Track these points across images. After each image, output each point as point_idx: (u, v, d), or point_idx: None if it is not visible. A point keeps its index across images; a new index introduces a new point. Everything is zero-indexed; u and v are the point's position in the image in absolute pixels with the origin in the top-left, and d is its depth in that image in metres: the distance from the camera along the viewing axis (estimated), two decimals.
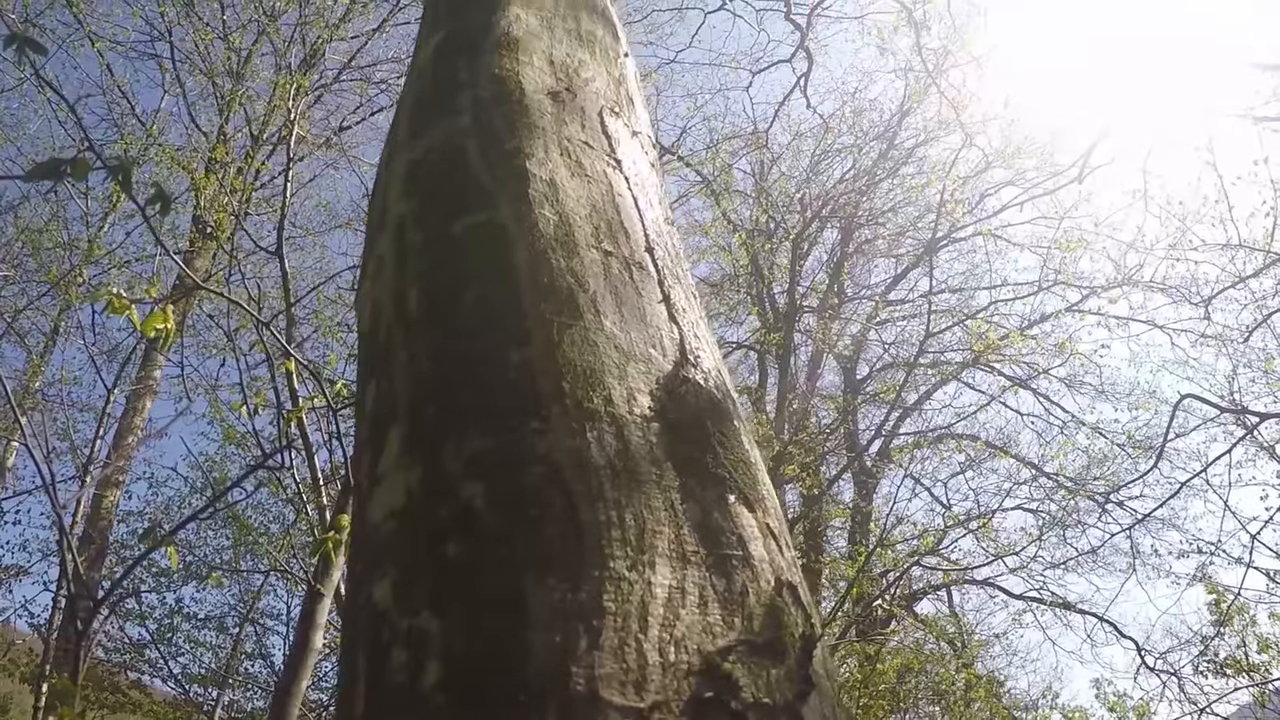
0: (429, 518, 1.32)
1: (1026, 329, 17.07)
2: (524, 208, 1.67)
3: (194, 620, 13.44)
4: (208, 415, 13.15)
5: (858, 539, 16.23)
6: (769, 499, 1.47)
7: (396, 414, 1.49)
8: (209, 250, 15.38)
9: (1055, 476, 16.84)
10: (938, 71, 10.83)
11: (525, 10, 2.31)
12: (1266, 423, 12.63)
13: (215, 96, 17.30)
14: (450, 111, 1.95)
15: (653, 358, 1.50)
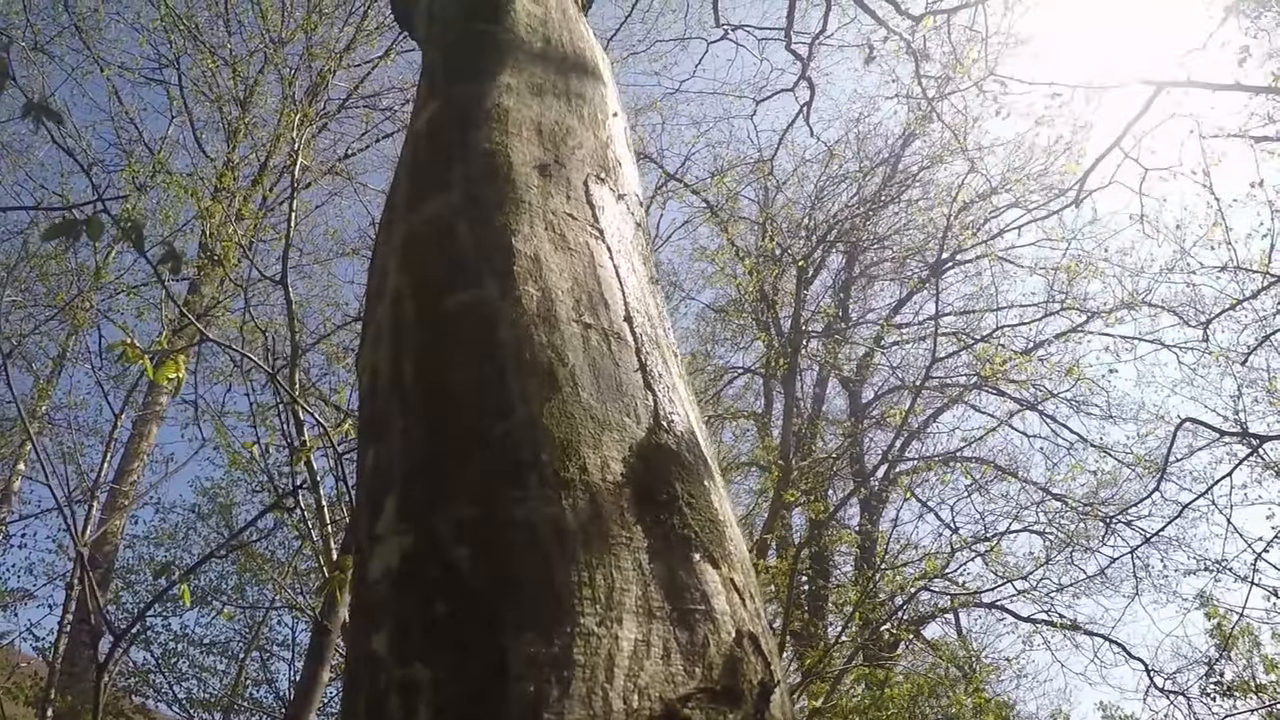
0: (421, 578, 1.45)
1: (1033, 351, 17.21)
2: (509, 284, 1.79)
3: (200, 646, 13.51)
4: (214, 441, 13.25)
5: (865, 563, 16.28)
6: (735, 554, 1.59)
7: (392, 481, 1.62)
8: (216, 277, 15.51)
9: (1063, 498, 16.87)
10: (938, 98, 10.97)
11: (516, 78, 2.44)
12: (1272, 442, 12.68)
13: (222, 124, 17.48)
14: (443, 187, 2.07)
15: (627, 425, 1.63)
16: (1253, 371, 14.69)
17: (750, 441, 17.74)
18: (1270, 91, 10.18)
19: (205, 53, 16.87)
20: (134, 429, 15.09)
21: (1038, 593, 16.32)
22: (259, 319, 11.90)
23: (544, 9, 2.86)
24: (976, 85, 9.82)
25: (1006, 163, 16.22)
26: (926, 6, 9.39)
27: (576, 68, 2.66)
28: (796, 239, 17.45)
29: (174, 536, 14.31)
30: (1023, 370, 15.58)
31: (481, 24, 2.69)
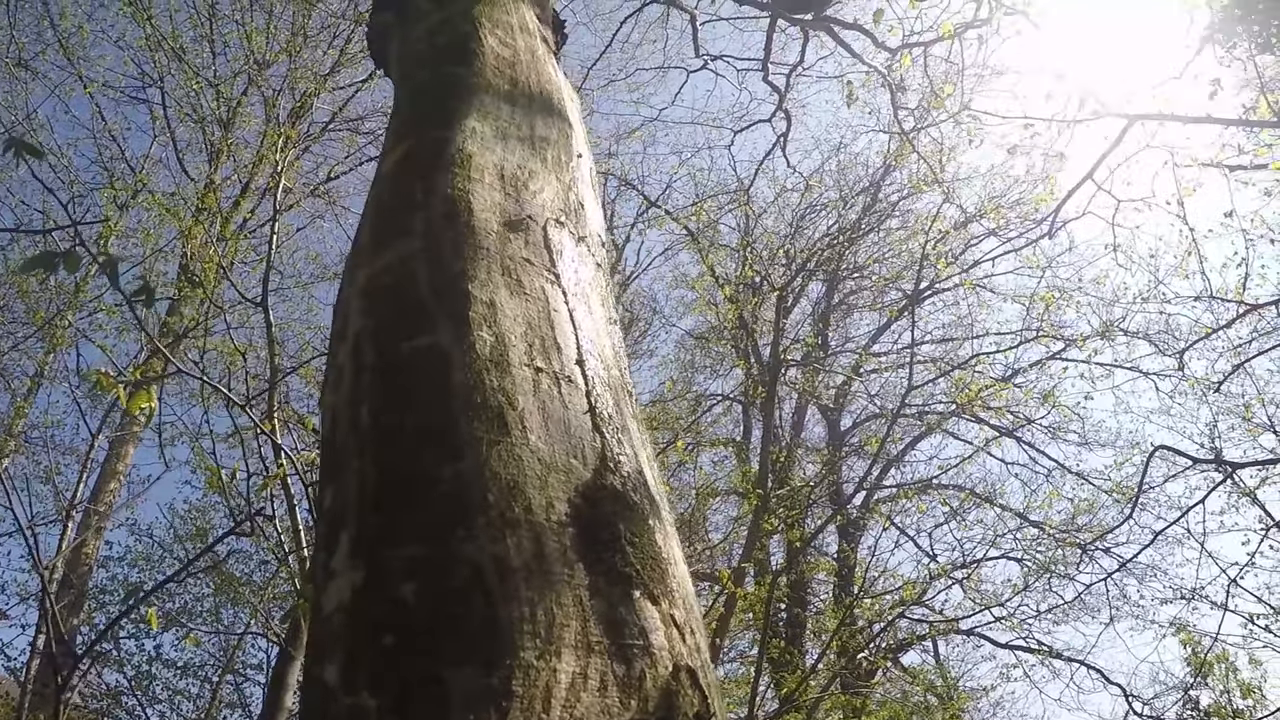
0: (370, 612, 1.53)
1: (1010, 378, 17.36)
2: (463, 330, 1.87)
3: (173, 668, 13.46)
4: (191, 463, 13.25)
5: (842, 591, 16.34)
6: (678, 591, 1.67)
7: (347, 519, 1.70)
8: (195, 298, 15.51)
9: (1040, 525, 16.98)
10: (915, 131, 11.10)
11: (481, 121, 2.51)
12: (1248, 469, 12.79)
13: (205, 144, 17.52)
14: (404, 233, 2.15)
15: (573, 467, 1.71)
16: (1228, 398, 14.85)
17: (729, 468, 17.85)
18: (1241, 123, 10.35)
19: (189, 73, 16.90)
20: (111, 449, 15.06)
21: (1015, 619, 16.42)
22: (239, 341, 11.94)
23: (513, 51, 2.94)
24: (953, 117, 9.95)
25: (984, 192, 16.45)
26: (903, 38, 9.53)
27: (543, 110, 2.74)
28: (776, 267, 17.58)
29: (149, 558, 14.26)
30: (999, 398, 15.71)
31: (450, 66, 2.77)
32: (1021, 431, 17.75)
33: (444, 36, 2.95)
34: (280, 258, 15.44)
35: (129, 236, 15.59)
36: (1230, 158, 11.27)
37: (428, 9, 3.21)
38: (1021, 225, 15.23)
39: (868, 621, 14.92)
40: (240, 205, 16.28)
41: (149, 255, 15.24)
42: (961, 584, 15.46)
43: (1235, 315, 12.77)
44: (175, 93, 17.23)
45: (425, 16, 3.18)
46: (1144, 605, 16.40)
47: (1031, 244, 13.48)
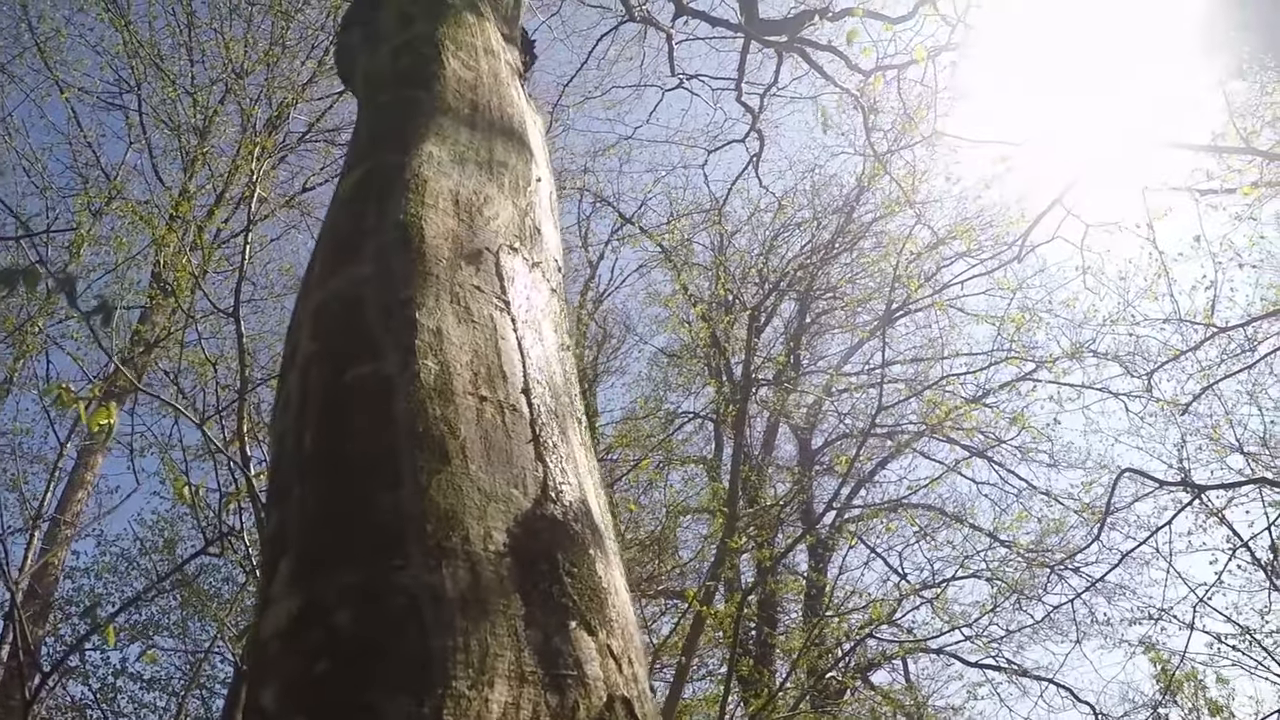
0: (305, 639, 1.54)
1: (981, 398, 17.44)
2: (408, 359, 1.88)
3: (139, 681, 13.33)
4: (160, 473, 13.16)
5: (811, 610, 16.36)
6: (617, 621, 1.68)
7: (287, 546, 1.71)
8: (168, 307, 15.41)
9: (1010, 545, 17.04)
10: (888, 155, 11.18)
11: (439, 146, 2.53)
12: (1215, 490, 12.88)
13: (180, 152, 17.43)
14: (356, 259, 2.16)
15: (513, 497, 1.72)
16: (1196, 419, 14.97)
17: (700, 486, 17.85)
18: (1210, 149, 10.47)
19: (166, 80, 16.83)
20: (79, 458, 14.94)
21: (985, 639, 16.47)
22: (210, 352, 11.86)
23: (475, 73, 2.95)
24: (926, 140, 10.03)
25: (956, 212, 16.54)
26: (877, 61, 9.61)
27: (502, 134, 2.75)
28: (749, 286, 17.63)
29: (115, 570, 14.15)
30: (969, 419, 15.77)
31: (410, 89, 2.78)
32: (992, 452, 17.83)
33: (406, 58, 2.97)
34: (253, 268, 15.38)
35: (102, 244, 15.49)
36: (1200, 183, 11.39)
37: (392, 29, 3.22)
38: (993, 248, 15.34)
39: (837, 640, 14.94)
40: (214, 214, 16.20)
41: (121, 263, 15.15)
42: (931, 603, 15.50)
43: (1203, 338, 12.87)
44: (152, 99, 17.16)
45: (390, 37, 3.19)
46: (1112, 625, 16.50)
47: (1002, 265, 13.59)
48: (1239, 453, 14.51)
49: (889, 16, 9.20)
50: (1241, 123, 11.62)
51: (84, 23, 16.61)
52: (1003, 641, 16.73)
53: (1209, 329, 12.50)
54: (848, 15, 9.01)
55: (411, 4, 3.29)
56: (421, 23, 3.13)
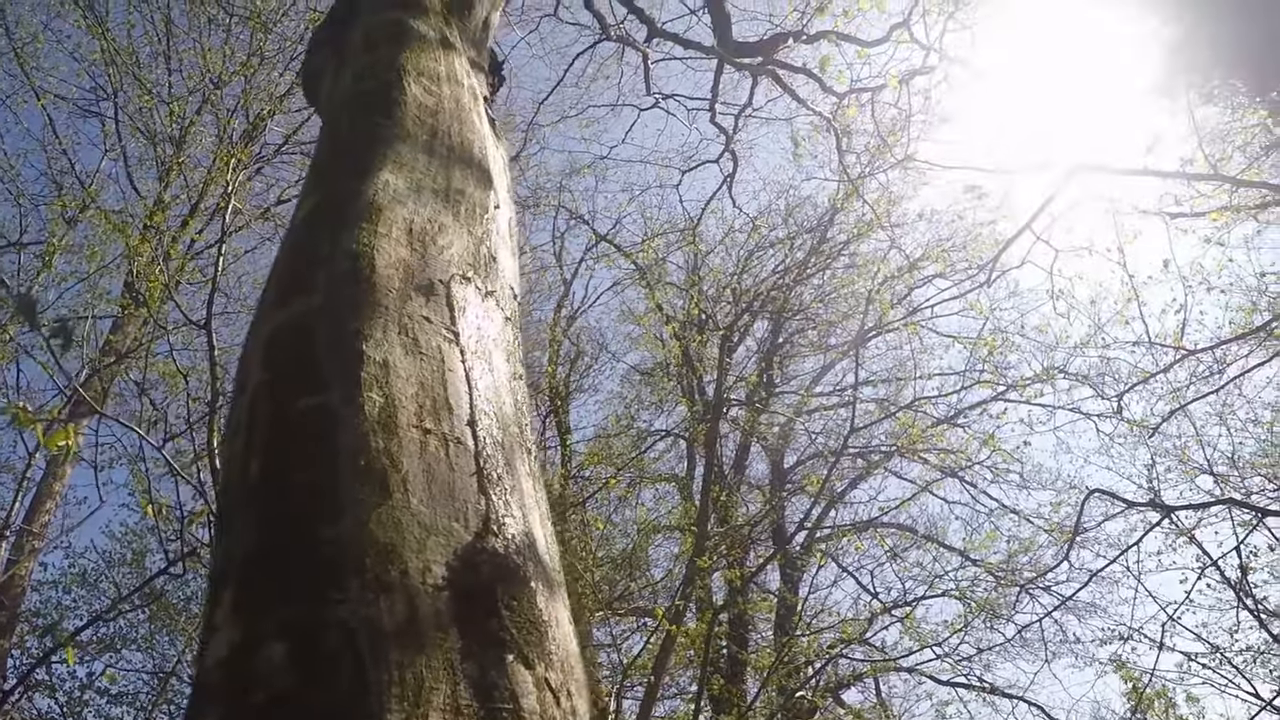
0: (244, 669, 1.55)
1: (953, 419, 17.54)
2: (354, 391, 1.89)
3: (106, 696, 13.21)
4: (129, 485, 13.07)
5: (782, 629, 16.37)
6: (556, 654, 1.70)
7: (229, 576, 1.73)
8: (140, 317, 15.32)
9: (981, 563, 17.13)
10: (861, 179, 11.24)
11: (396, 174, 2.54)
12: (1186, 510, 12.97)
13: (156, 162, 17.35)
14: (307, 289, 2.17)
15: (454, 531, 1.73)
16: (1167, 440, 15.09)
17: (672, 504, 17.85)
18: (1179, 176, 10.57)
19: (143, 89, 16.77)
20: (48, 468, 14.82)
21: (956, 657, 16.53)
22: (181, 364, 11.81)
23: (436, 100, 2.97)
24: (899, 164, 10.10)
25: (930, 234, 16.66)
26: (851, 84, 9.68)
27: (461, 162, 2.76)
28: (722, 305, 17.67)
29: (84, 582, 14.03)
30: (941, 439, 15.87)
31: (370, 115, 2.80)
32: (964, 472, 17.92)
33: (368, 83, 2.98)
34: (227, 280, 15.33)
35: (75, 252, 15.42)
36: (1170, 206, 11.50)
37: (357, 53, 3.24)
38: (967, 270, 15.45)
39: (807, 659, 14.96)
40: (189, 225, 16.13)
41: (94, 272, 15.08)
42: (902, 622, 15.56)
43: (1173, 360, 12.98)
44: (128, 107, 17.08)
45: (354, 60, 3.20)
46: (1083, 643, 16.61)
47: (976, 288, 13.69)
48: (1208, 473, 14.62)
49: (863, 40, 9.27)
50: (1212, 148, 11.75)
51: (62, 29, 16.56)
52: (973, 660, 16.80)
53: (1179, 352, 12.60)
54: (822, 38, 9.09)
55: (377, 28, 3.30)
56: (385, 48, 3.14)
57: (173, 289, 11.92)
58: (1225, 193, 10.84)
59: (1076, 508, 14.66)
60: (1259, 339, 12.63)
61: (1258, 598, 12.43)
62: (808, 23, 9.08)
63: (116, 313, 15.31)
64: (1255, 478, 15.03)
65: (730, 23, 8.97)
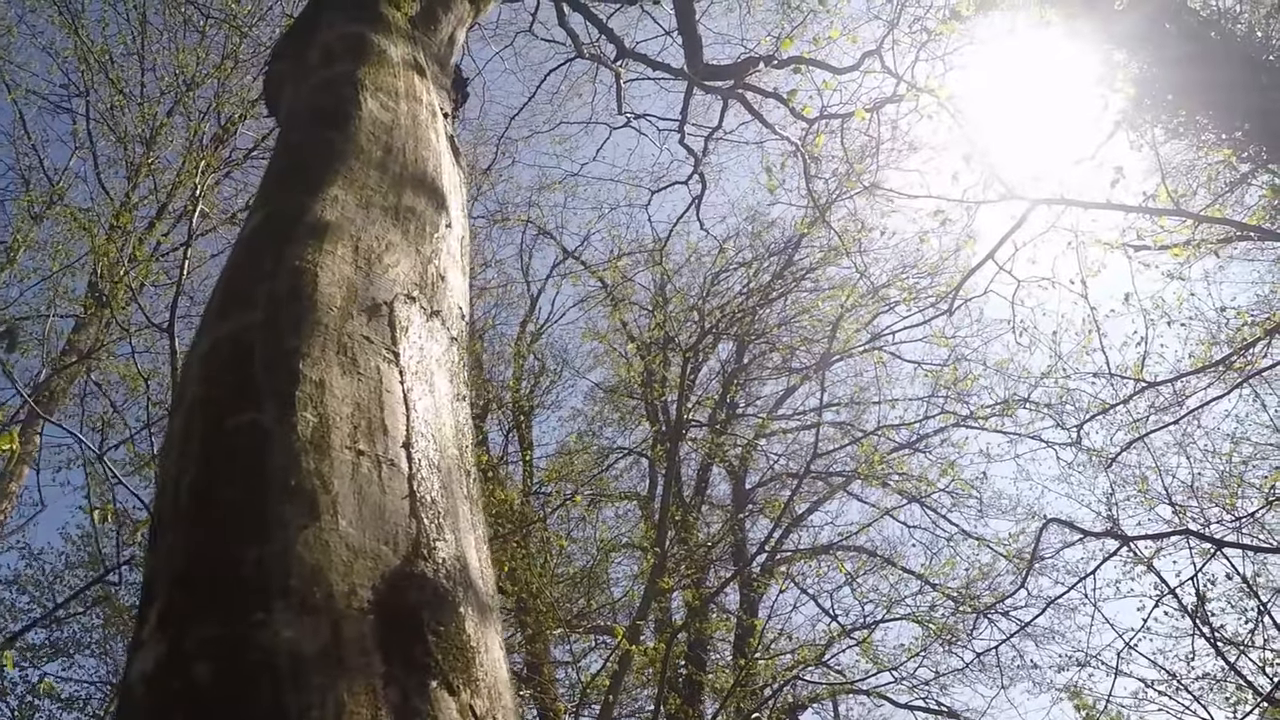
0: (165, 687, 1.55)
1: (915, 444, 17.65)
2: (287, 410, 1.88)
3: (58, 701, 13.05)
4: (85, 489, 12.91)
5: (740, 650, 16.38)
6: (483, 681, 1.69)
7: (156, 593, 1.71)
8: (103, 318, 15.17)
9: (940, 588, 17.21)
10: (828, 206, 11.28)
11: (346, 190, 2.53)
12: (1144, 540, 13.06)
13: (125, 162, 17.21)
14: (248, 304, 2.16)
15: (383, 554, 1.72)
16: (1127, 469, 15.24)
17: (633, 522, 17.83)
18: (1142, 210, 10.68)
19: (114, 87, 16.64)
20: (5, 467, 14.63)
21: (915, 680, 16.61)
22: (143, 367, 11.70)
23: (393, 116, 2.97)
24: (867, 191, 10.16)
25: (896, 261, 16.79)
26: (821, 110, 9.73)
27: (414, 179, 2.76)
28: (687, 326, 17.70)
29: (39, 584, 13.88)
30: (902, 466, 15.97)
31: (324, 129, 2.79)
32: (924, 497, 18.02)
33: (324, 97, 2.97)
34: (191, 284, 15.22)
35: (40, 249, 15.30)
36: (1133, 240, 11.62)
37: (316, 66, 3.23)
38: (931, 298, 15.57)
39: (766, 681, 14.96)
40: (155, 227, 16.01)
41: (57, 270, 14.96)
42: (860, 645, 15.61)
43: (1133, 391, 13.10)
44: (100, 105, 16.94)
45: (313, 73, 3.20)
46: (1040, 669, 16.72)
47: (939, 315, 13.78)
48: (1167, 503, 14.76)
49: (834, 67, 9.34)
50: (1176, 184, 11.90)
51: (36, 23, 16.43)
52: (932, 684, 16.89)
53: (1139, 383, 12.72)
54: (793, 64, 9.13)
55: (337, 41, 3.30)
56: (344, 61, 3.13)
57: (137, 291, 11.82)
58: (1188, 228, 10.96)
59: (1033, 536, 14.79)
60: (1218, 372, 12.77)
61: (1214, 626, 12.54)
62: (779, 49, 9.13)
63: (79, 312, 15.17)
64: (1214, 508, 15.18)
65: (701, 46, 9.01)
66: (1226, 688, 14.17)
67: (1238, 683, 12.76)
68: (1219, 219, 9.86)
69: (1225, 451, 15.31)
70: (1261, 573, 14.14)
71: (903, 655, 16.00)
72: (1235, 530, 13.82)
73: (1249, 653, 12.22)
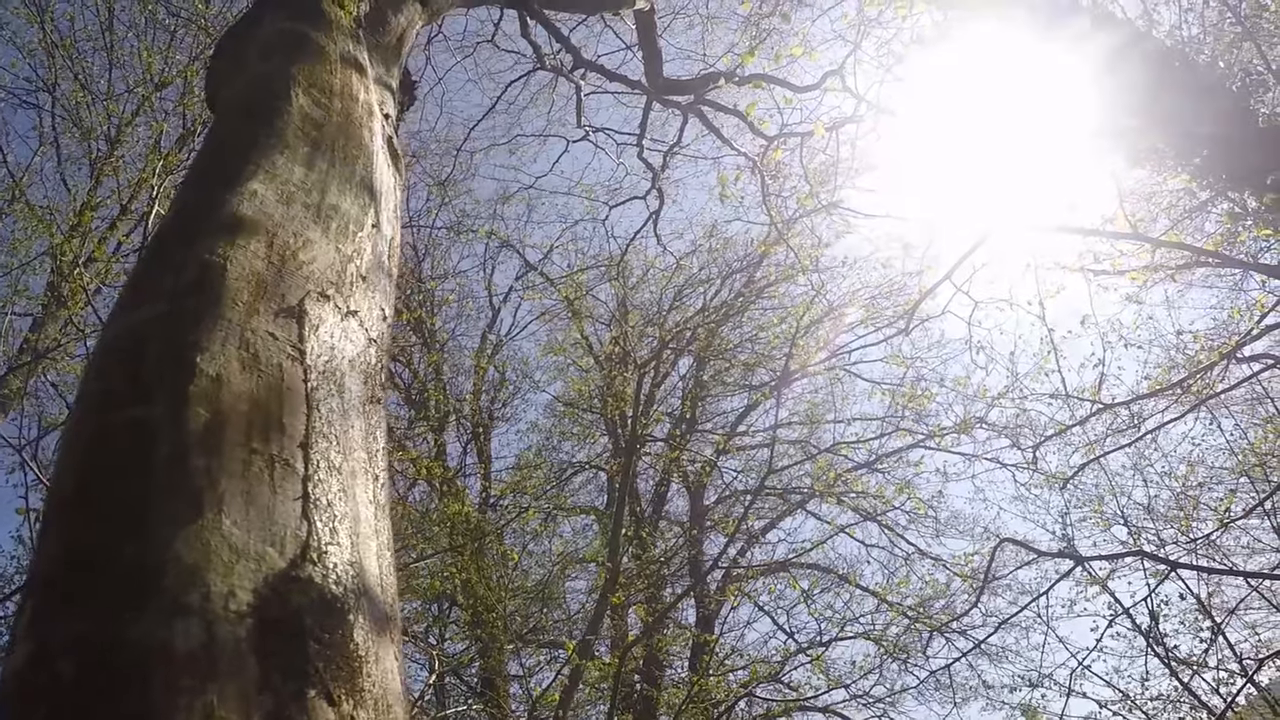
0: (33, 683, 1.49)
1: (873, 463, 17.69)
2: (180, 405, 1.82)
3: None
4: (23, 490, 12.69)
5: (695, 667, 16.34)
6: (369, 692, 1.63)
7: (33, 588, 1.66)
8: (61, 318, 14.97)
9: (896, 606, 17.24)
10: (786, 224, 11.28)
11: (266, 184, 2.47)
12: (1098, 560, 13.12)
13: (89, 160, 17.01)
14: (154, 296, 2.10)
15: (267, 556, 1.66)
16: (1083, 490, 15.33)
17: (591, 536, 17.77)
18: (1100, 234, 10.75)
19: (79, 83, 16.46)
20: None
21: (869, 698, 16.62)
22: None
23: (325, 112, 2.91)
24: (825, 209, 10.17)
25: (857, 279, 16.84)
26: (781, 128, 9.75)
27: (341, 177, 2.70)
28: (645, 342, 17.67)
29: None
30: (859, 485, 16.00)
31: (251, 123, 2.73)
32: (882, 515, 18.07)
33: (256, 92, 2.92)
34: None
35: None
36: (1091, 264, 11.70)
37: (253, 61, 3.18)
38: (887, 318, 15.63)
39: (721, 697, 14.93)
40: (117, 227, 15.82)
41: (16, 268, 14.77)
42: (814, 662, 15.62)
43: (1089, 413, 13.16)
44: (65, 101, 16.73)
45: (250, 68, 3.14)
46: (994, 688, 16.79)
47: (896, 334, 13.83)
48: (1123, 524, 14.85)
49: (795, 85, 9.35)
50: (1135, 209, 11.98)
51: (3, 14, 16.22)
52: (886, 701, 16.91)
53: (1095, 405, 12.79)
54: (754, 81, 9.13)
55: (275, 38, 3.25)
56: (279, 57, 3.08)
57: (91, 296, 11.67)
58: (1147, 252, 11.05)
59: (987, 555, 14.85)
60: (1175, 395, 12.86)
61: (1169, 646, 12.60)
62: (740, 65, 9.11)
63: (38, 311, 14.98)
64: (1169, 530, 15.29)
65: (661, 59, 8.97)
66: (1181, 708, 14.25)
67: (1192, 703, 12.84)
68: (1175, 243, 9.94)
69: (1181, 474, 15.42)
70: (1216, 593, 14.22)
71: (857, 672, 16.02)
72: (1190, 552, 13.93)
73: (1203, 673, 12.29)
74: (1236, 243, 13.40)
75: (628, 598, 13.28)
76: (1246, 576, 12.49)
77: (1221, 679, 12.03)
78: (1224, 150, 12.00)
